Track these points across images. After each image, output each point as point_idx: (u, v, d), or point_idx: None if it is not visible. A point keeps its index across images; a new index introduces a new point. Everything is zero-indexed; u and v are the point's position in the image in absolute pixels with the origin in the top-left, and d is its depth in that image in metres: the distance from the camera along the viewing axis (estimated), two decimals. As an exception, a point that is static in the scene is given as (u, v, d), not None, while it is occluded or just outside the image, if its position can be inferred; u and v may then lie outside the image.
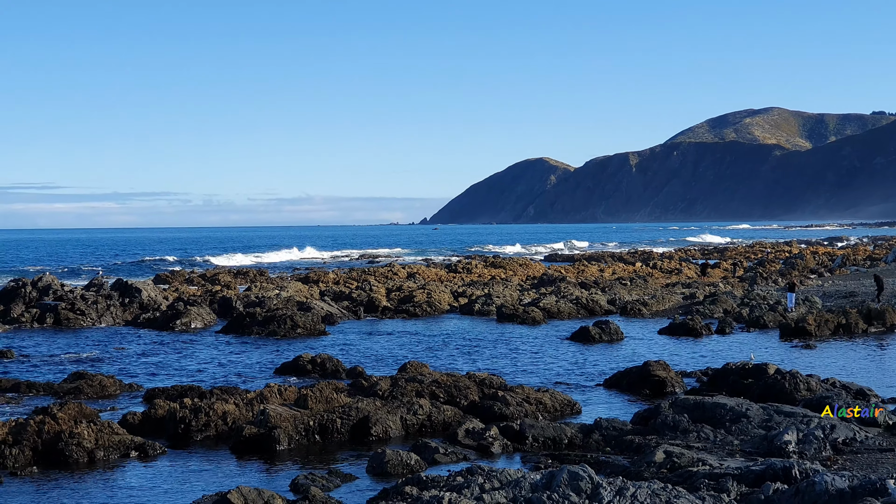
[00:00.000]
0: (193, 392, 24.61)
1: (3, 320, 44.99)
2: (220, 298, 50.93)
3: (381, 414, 21.54)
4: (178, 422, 21.40)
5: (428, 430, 21.69)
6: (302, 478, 17.24)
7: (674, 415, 20.76)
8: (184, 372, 30.79)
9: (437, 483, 15.27)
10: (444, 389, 24.01)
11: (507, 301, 50.73)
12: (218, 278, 70.96)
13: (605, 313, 48.40)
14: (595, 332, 37.79)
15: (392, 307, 50.10)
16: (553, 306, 47.98)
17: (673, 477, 15.89)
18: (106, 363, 32.78)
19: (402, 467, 17.84)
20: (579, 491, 14.10)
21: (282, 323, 40.73)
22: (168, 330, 42.83)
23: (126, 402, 25.61)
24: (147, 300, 48.77)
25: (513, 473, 15.10)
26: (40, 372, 31.04)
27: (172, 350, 35.98)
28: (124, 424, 21.45)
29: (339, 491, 16.78)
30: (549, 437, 20.19)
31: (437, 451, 18.90)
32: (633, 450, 19.03)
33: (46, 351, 36.16)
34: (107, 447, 19.44)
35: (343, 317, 47.40)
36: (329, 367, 29.51)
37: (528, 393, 23.94)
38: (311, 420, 20.94)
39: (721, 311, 46.26)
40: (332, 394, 22.54)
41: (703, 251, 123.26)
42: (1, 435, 19.31)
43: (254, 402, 22.41)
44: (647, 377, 26.78)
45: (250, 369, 31.26)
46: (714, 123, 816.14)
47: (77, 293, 48.64)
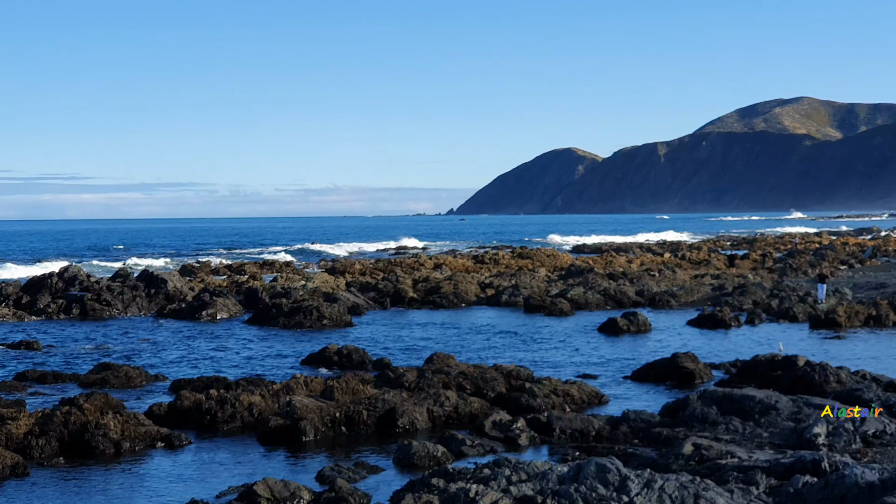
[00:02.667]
0: (219, 383, 24.60)
1: (29, 311, 45.17)
2: (246, 289, 50.97)
3: (407, 405, 21.44)
4: (205, 413, 21.38)
5: (454, 421, 21.59)
6: (328, 469, 17.17)
7: (702, 407, 20.58)
8: (210, 363, 30.80)
9: (464, 475, 15.16)
10: (471, 381, 23.91)
11: (535, 292, 50.55)
12: (244, 269, 71.06)
13: (634, 304, 48.15)
14: (623, 324, 37.59)
15: (419, 298, 50.03)
16: (581, 297, 47.79)
17: (701, 469, 15.73)
18: (132, 354, 32.84)
19: (429, 459, 17.74)
20: (607, 483, 13.96)
21: (308, 314, 40.70)
22: (194, 321, 42.90)
23: (152, 393, 25.63)
24: (173, 291, 48.84)
25: (540, 465, 14.97)
26: (67, 363, 31.12)
27: (198, 341, 36.01)
28: (150, 415, 21.44)
29: (365, 483, 16.70)
30: (577, 429, 20.05)
31: (464, 443, 18.79)
32: (662, 442, 18.87)
33: (73, 342, 36.26)
34: (133, 438, 19.43)
35: (369, 308, 47.36)
36: (355, 358, 29.45)
37: (556, 385, 23.80)
38: (337, 411, 20.87)
39: (750, 302, 45.94)
40: (359, 385, 22.48)
41: (733, 242, 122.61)
42: (28, 426, 19.33)
43: (280, 394, 22.37)
44: (675, 369, 26.60)
45: (276, 360, 31.24)
46: (743, 113, 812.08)
47: (103, 284, 48.76)
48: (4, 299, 47.00)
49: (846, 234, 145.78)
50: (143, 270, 53.46)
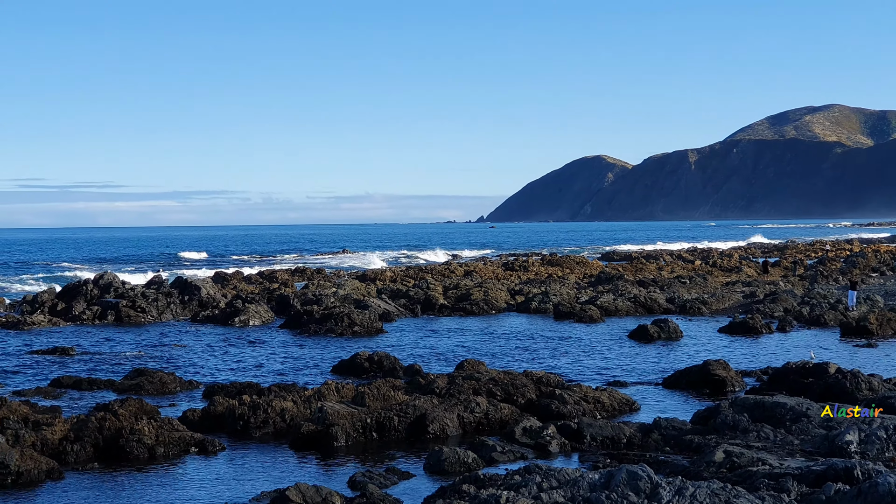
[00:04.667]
0: (252, 389, 24.74)
1: (65, 317, 45.53)
2: (277, 296, 51.21)
3: (438, 412, 21.52)
4: (237, 418, 21.53)
5: (485, 428, 21.65)
6: (360, 475, 17.27)
7: (734, 414, 20.56)
8: (242, 369, 30.98)
9: (495, 481, 15.23)
10: (502, 387, 23.96)
11: (565, 299, 50.52)
12: (275, 276, 71.35)
13: (664, 312, 48.07)
14: (654, 331, 37.53)
15: (449, 305, 50.09)
16: (611, 304, 47.74)
17: (732, 476, 15.73)
18: (166, 360, 33.06)
19: (460, 465, 17.81)
20: (638, 490, 14.00)
21: (339, 321, 40.84)
22: (227, 327, 43.13)
23: (186, 398, 25.82)
24: (206, 298, 49.14)
25: (571, 472, 15.02)
26: (101, 369, 31.37)
27: (231, 347, 36.21)
28: (184, 421, 21.61)
29: (396, 488, 16.79)
30: (608, 436, 20.07)
31: (495, 449, 18.86)
32: (693, 449, 18.86)
33: (107, 348, 36.54)
34: (167, 443, 19.59)
35: (400, 315, 47.46)
36: (386, 364, 29.55)
37: (586, 391, 23.82)
38: (368, 417, 20.97)
39: (781, 309, 45.77)
40: (390, 391, 22.57)
41: (764, 249, 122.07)
42: (63, 431, 19.53)
43: (312, 400, 22.49)
44: (706, 376, 26.55)
45: (308, 367, 31.39)
46: (774, 121, 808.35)
47: (138, 291, 49.10)
48: (40, 306, 47.41)
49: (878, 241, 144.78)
50: (177, 277, 53.80)
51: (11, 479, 17.14)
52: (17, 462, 17.34)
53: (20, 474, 17.22)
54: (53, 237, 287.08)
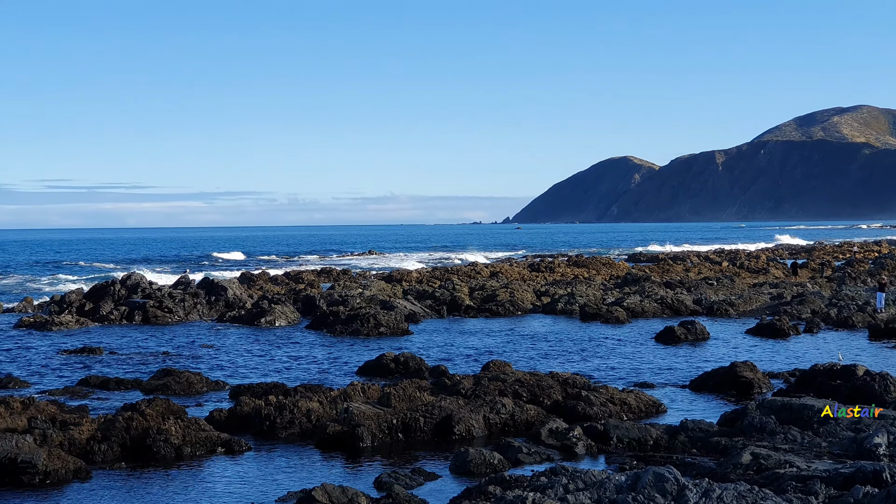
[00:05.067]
0: (278, 389, 24.79)
1: (92, 317, 45.76)
2: (303, 297, 51.31)
3: (464, 413, 21.51)
4: (264, 419, 21.58)
5: (511, 429, 21.62)
6: (385, 476, 17.27)
7: (761, 416, 20.46)
8: (268, 369, 31.05)
9: (521, 483, 15.20)
10: (527, 389, 23.92)
11: (591, 300, 50.42)
12: (301, 277, 71.51)
13: (691, 313, 47.92)
14: (680, 332, 37.41)
15: (475, 306, 50.06)
16: (637, 306, 47.61)
17: (760, 479, 15.65)
18: (193, 360, 33.18)
19: (486, 466, 17.79)
20: (665, 492, 13.94)
21: (365, 321, 40.89)
22: (253, 327, 43.26)
23: (212, 398, 25.89)
24: (232, 298, 49.30)
25: (597, 474, 14.98)
26: (129, 368, 31.51)
27: (257, 348, 36.31)
28: (211, 421, 21.67)
29: (422, 489, 16.78)
30: (634, 437, 20.01)
31: (521, 450, 18.82)
32: (720, 451, 18.78)
33: (135, 348, 36.70)
34: (194, 443, 19.66)
35: (426, 315, 47.48)
36: (412, 365, 29.56)
37: (613, 393, 23.75)
38: (394, 418, 20.97)
39: (809, 311, 45.53)
40: (416, 392, 22.56)
41: (791, 251, 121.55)
42: (90, 431, 19.62)
43: (338, 400, 22.52)
44: (733, 378, 26.43)
45: (334, 367, 31.44)
46: (801, 122, 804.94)
47: (165, 291, 49.31)
48: (68, 306, 47.68)
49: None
50: (204, 278, 54.02)
51: (39, 478, 17.23)
52: (45, 461, 17.43)
53: (48, 474, 17.31)
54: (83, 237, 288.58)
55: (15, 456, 17.43)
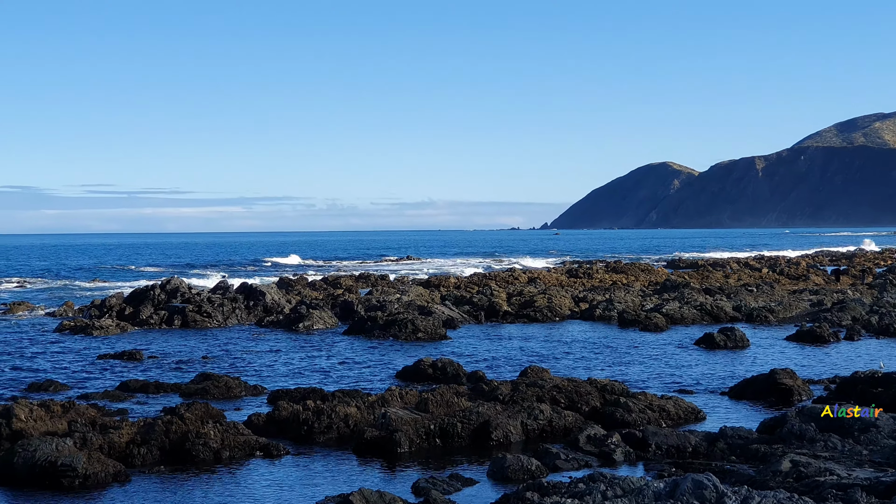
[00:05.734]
0: (316, 394, 24.86)
1: (132, 322, 46.08)
2: (341, 302, 51.42)
3: (501, 418, 21.48)
4: (302, 423, 21.64)
5: (548, 435, 21.57)
6: (423, 481, 17.27)
7: (800, 423, 20.30)
8: (306, 374, 31.14)
9: (559, 489, 15.16)
10: (565, 395, 23.86)
11: (629, 306, 50.24)
12: (340, 282, 71.69)
13: (731, 320, 47.63)
14: (720, 339, 37.21)
15: (513, 312, 50.00)
16: (676, 312, 47.39)
17: (799, 486, 15.54)
18: (231, 365, 33.33)
19: (523, 472, 17.76)
20: (703, 500, 13.86)
21: (403, 327, 40.94)
22: (291, 332, 43.41)
23: (251, 403, 25.99)
24: (271, 303, 49.49)
25: (635, 481, 14.91)
26: (168, 373, 31.71)
27: (295, 353, 36.42)
28: (249, 425, 21.76)
29: (459, 495, 16.77)
30: (673, 444, 19.91)
31: (559, 456, 18.77)
32: (759, 459, 18.66)
33: (174, 352, 36.91)
34: (232, 447, 19.74)
35: (464, 321, 47.47)
36: (450, 371, 29.55)
37: (651, 400, 23.65)
38: (431, 424, 20.98)
39: (849, 318, 45.15)
40: (453, 398, 22.56)
41: (832, 258, 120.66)
42: (130, 434, 19.75)
43: (375, 406, 22.55)
44: (773, 385, 26.25)
45: (371, 372, 31.49)
46: (842, 128, 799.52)
47: (204, 296, 49.59)
48: (108, 310, 48.04)
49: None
50: (242, 283, 54.25)
51: (79, 481, 17.36)
52: (85, 465, 17.56)
53: (87, 477, 17.43)
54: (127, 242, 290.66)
55: (55, 459, 17.57)
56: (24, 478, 17.55)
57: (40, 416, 20.86)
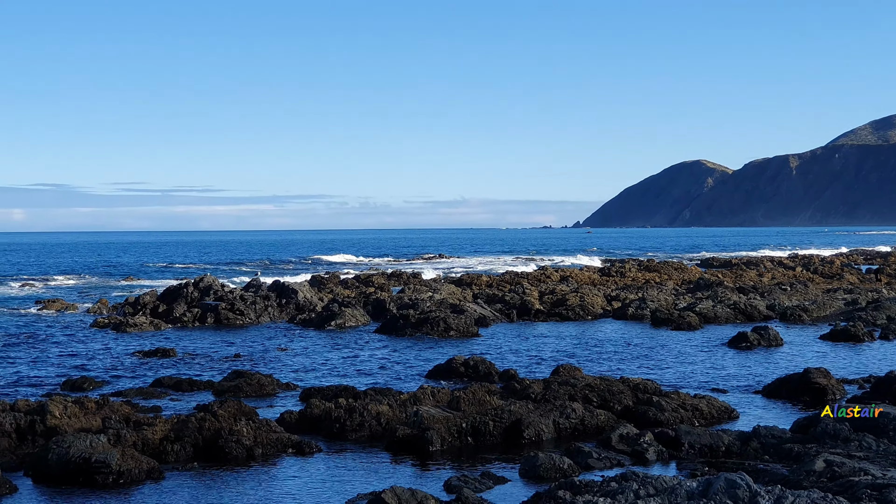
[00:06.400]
0: (348, 392, 24.91)
1: (166, 319, 46.33)
2: (373, 300, 51.51)
3: (533, 417, 21.46)
4: (334, 421, 21.69)
5: (581, 434, 21.53)
6: (455, 479, 17.28)
7: (835, 423, 20.17)
8: (338, 372, 31.21)
9: (591, 488, 15.12)
10: (598, 393, 23.80)
11: (662, 305, 50.07)
12: (371, 280, 71.80)
13: (764, 319, 47.39)
14: (753, 338, 37.01)
15: (545, 310, 49.93)
16: (710, 311, 47.18)
17: (833, 486, 15.43)
18: (264, 362, 33.45)
19: (555, 471, 17.73)
20: (737, 499, 13.80)
21: (435, 325, 40.96)
22: (323, 330, 43.51)
23: (283, 400, 26.08)
24: (303, 301, 49.64)
25: (668, 480, 14.86)
26: (201, 370, 31.85)
27: (327, 350, 36.51)
28: (281, 423, 21.84)
29: (491, 493, 16.77)
30: (706, 444, 19.82)
31: (591, 455, 18.73)
32: (792, 458, 18.55)
33: (207, 349, 37.09)
34: (265, 444, 19.82)
35: (496, 319, 47.45)
36: (482, 369, 29.53)
37: (684, 399, 23.56)
38: (463, 422, 20.98)
39: (884, 317, 44.81)
40: (485, 396, 22.55)
41: (866, 256, 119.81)
42: (164, 431, 19.85)
43: (407, 404, 22.57)
44: (807, 384, 26.09)
45: (403, 370, 31.52)
46: (877, 125, 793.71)
47: (236, 294, 49.79)
48: (142, 308, 48.33)
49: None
50: (275, 281, 54.42)
51: (113, 478, 17.46)
52: (119, 461, 17.66)
53: (121, 473, 17.53)
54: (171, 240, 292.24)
55: (89, 456, 17.68)
56: (59, 474, 17.68)
57: (75, 413, 21.01)
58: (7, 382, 29.17)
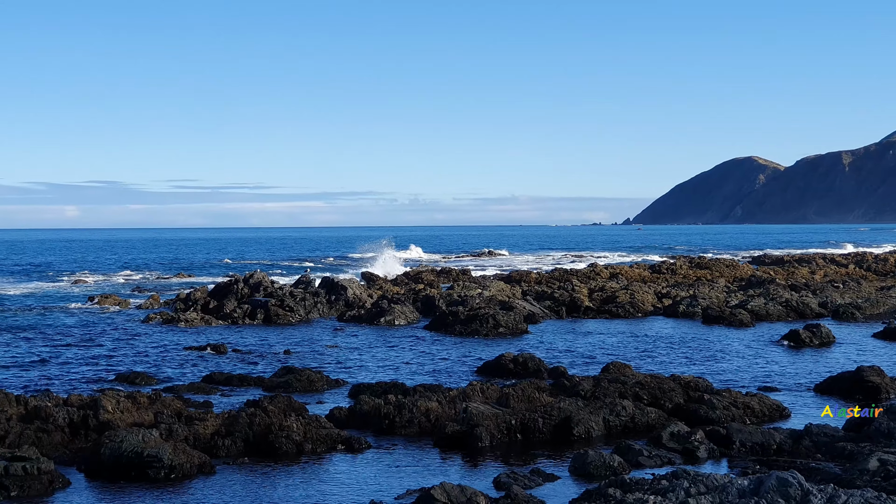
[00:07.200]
0: (397, 388, 24.96)
1: (216, 316, 46.62)
2: (423, 297, 51.55)
3: (583, 414, 21.39)
4: (383, 417, 21.74)
5: (631, 431, 21.44)
6: (504, 476, 17.27)
7: (888, 422, 19.94)
8: (388, 369, 31.27)
9: (641, 486, 15.05)
10: (648, 391, 23.69)
11: (714, 303, 49.75)
12: (421, 277, 71.88)
13: (816, 316, 46.97)
14: (805, 336, 36.69)
15: (594, 307, 49.76)
16: (761, 308, 46.82)
17: (887, 486, 15.26)
18: (313, 359, 33.57)
19: (605, 469, 17.67)
20: (788, 497, 13.68)
21: (484, 322, 40.93)
22: (372, 327, 43.62)
23: (332, 396, 26.17)
24: (352, 298, 49.77)
25: (719, 478, 14.75)
26: (251, 366, 32.03)
27: (376, 347, 36.59)
28: (331, 419, 21.92)
29: (540, 490, 16.73)
30: (757, 442, 19.67)
31: (641, 453, 18.65)
32: (845, 457, 18.36)
33: (257, 346, 37.29)
34: (314, 440, 19.90)
35: (545, 316, 47.35)
36: (531, 366, 29.48)
37: (735, 397, 23.39)
38: (512, 419, 20.95)
39: (940, 315, 44.26)
40: (534, 393, 22.52)
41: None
42: (215, 426, 20.00)
43: (456, 400, 22.57)
44: (859, 383, 25.81)
45: (452, 367, 31.52)
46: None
47: (286, 290, 50.01)
48: (193, 304, 48.67)
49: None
50: (325, 278, 54.61)
51: (165, 472, 17.60)
52: (171, 456, 17.80)
53: (173, 468, 17.67)
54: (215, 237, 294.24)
55: (141, 450, 17.83)
56: (111, 469, 17.84)
57: (127, 408, 21.21)
58: (60, 377, 29.51)
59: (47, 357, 33.81)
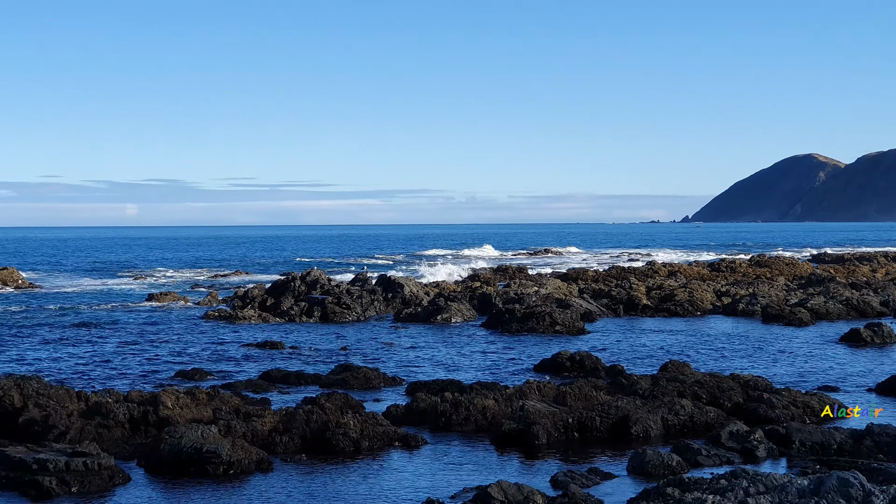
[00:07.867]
0: (454, 386, 24.96)
1: (273, 313, 46.89)
2: (479, 295, 51.54)
3: (641, 413, 21.27)
4: (439, 415, 21.75)
5: (689, 431, 21.29)
6: (561, 474, 17.21)
7: (953, 423, 19.65)
8: (444, 366, 31.28)
9: (700, 485, 14.93)
10: (707, 390, 23.51)
11: (773, 301, 49.29)
12: (478, 275, 71.89)
13: (877, 315, 46.40)
14: (866, 335, 36.25)
15: (652, 305, 49.49)
16: (821, 307, 46.32)
17: (952, 488, 15.02)
18: (370, 356, 33.66)
19: (663, 468, 17.56)
20: (850, 498, 13.51)
21: (540, 320, 40.83)
22: (429, 324, 43.66)
23: (389, 394, 26.22)
24: (409, 295, 49.86)
25: (779, 478, 14.60)
26: (308, 363, 32.17)
27: (433, 345, 36.62)
28: (388, 416, 21.95)
29: (598, 489, 16.65)
30: (817, 441, 19.45)
31: (700, 452, 18.51)
32: (908, 458, 18.12)
33: (314, 343, 37.46)
34: (371, 437, 19.94)
35: (602, 314, 47.17)
36: (588, 364, 29.36)
37: (795, 396, 23.15)
38: (569, 417, 20.88)
39: None
40: (592, 391, 22.43)
41: None
42: (273, 423, 20.11)
43: (513, 398, 22.53)
44: (923, 382, 25.45)
45: (509, 365, 31.48)
46: None
47: (343, 288, 50.20)
48: (250, 301, 49.00)
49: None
50: (381, 275, 54.75)
51: (223, 468, 17.72)
52: (229, 452, 17.91)
53: (231, 464, 17.79)
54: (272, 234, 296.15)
55: (200, 446, 17.97)
56: (171, 464, 17.99)
57: (186, 404, 21.37)
58: (120, 373, 29.83)
59: (108, 354, 34.20)
